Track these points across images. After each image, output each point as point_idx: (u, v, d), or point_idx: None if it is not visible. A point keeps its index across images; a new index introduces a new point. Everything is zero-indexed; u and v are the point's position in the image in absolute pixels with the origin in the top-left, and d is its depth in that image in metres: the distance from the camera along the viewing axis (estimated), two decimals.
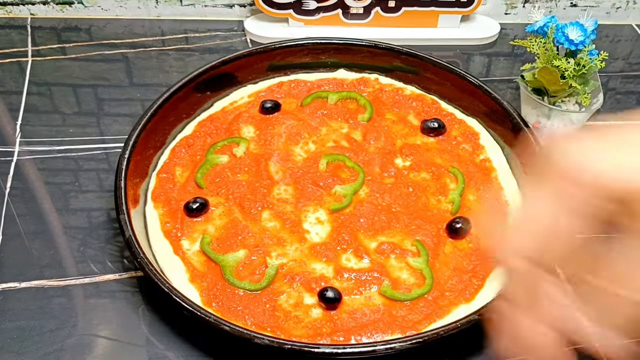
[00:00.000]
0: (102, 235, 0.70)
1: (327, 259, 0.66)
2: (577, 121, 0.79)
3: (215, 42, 0.96)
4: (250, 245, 0.66)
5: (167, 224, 0.67)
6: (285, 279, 0.64)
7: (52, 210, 0.72)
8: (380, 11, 0.96)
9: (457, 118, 0.81)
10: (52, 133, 0.80)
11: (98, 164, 0.77)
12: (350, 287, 0.63)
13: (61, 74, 0.89)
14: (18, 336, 0.60)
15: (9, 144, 0.79)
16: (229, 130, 0.77)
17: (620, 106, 0.89)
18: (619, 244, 0.33)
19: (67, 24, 0.97)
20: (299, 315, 0.61)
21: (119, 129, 0.82)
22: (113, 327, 0.62)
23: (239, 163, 0.74)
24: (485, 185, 0.73)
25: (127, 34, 0.96)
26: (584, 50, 0.75)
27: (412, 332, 0.59)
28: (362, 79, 0.85)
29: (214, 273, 0.64)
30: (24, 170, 0.76)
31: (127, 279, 0.66)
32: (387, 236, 0.68)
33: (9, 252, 0.67)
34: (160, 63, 0.92)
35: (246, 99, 0.82)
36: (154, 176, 0.72)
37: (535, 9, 0.79)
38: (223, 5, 0.99)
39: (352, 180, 0.73)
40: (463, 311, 0.61)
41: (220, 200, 0.70)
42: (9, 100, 0.85)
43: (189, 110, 0.79)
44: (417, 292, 0.63)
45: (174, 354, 0.60)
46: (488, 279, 0.64)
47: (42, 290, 0.64)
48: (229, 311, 0.60)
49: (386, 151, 0.76)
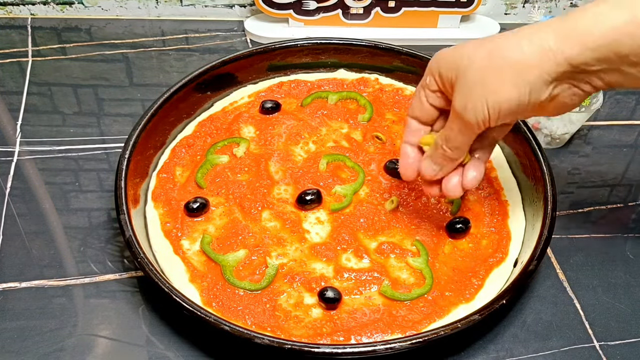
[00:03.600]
0: (102, 235, 0.70)
1: (327, 259, 0.66)
2: (577, 121, 0.79)
3: (215, 42, 0.96)
4: (250, 245, 0.66)
5: (167, 224, 0.67)
6: (286, 279, 0.64)
7: (53, 210, 0.72)
8: (380, 11, 0.96)
9: None
10: (53, 133, 0.81)
11: (98, 164, 0.77)
12: (350, 287, 0.63)
13: (61, 74, 0.89)
14: (18, 336, 0.61)
15: (9, 144, 0.79)
16: (229, 130, 0.78)
17: (620, 106, 0.89)
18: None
19: (67, 24, 0.97)
20: (299, 315, 0.61)
21: (119, 129, 0.82)
22: (113, 327, 0.62)
23: (239, 163, 0.74)
24: (485, 185, 0.73)
25: (127, 34, 0.96)
26: None
27: (412, 332, 0.59)
28: (362, 79, 0.85)
29: (214, 273, 0.64)
30: (24, 170, 0.76)
31: (127, 279, 0.66)
32: (387, 236, 0.68)
33: (9, 252, 0.68)
34: (160, 63, 0.92)
35: (246, 99, 0.82)
36: (154, 176, 0.72)
37: (535, 9, 0.79)
38: (223, 6, 0.99)
39: (352, 180, 0.73)
40: (463, 311, 0.61)
41: (221, 200, 0.70)
42: (9, 100, 0.85)
43: (189, 111, 0.79)
44: (417, 292, 0.63)
45: (174, 354, 0.60)
46: (488, 279, 0.65)
47: (42, 290, 0.65)
48: (229, 311, 0.60)
49: (386, 151, 0.76)
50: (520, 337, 0.63)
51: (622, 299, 0.67)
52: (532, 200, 0.70)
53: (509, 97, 0.52)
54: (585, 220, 0.75)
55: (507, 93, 0.51)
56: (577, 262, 0.70)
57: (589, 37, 0.49)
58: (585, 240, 0.72)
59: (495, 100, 0.52)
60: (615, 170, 0.80)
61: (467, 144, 0.58)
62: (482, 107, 0.53)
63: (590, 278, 0.69)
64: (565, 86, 0.52)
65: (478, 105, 0.53)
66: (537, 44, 0.50)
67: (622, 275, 0.69)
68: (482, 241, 0.68)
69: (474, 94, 0.53)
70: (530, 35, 0.51)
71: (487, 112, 0.53)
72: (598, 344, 0.63)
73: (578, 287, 0.68)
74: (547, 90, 0.52)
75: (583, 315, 0.65)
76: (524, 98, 0.52)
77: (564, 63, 0.50)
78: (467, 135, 0.57)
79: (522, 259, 0.65)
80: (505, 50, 0.51)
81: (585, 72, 0.51)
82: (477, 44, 0.54)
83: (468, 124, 0.55)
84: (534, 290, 0.67)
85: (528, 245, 0.66)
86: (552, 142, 0.81)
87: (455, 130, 0.57)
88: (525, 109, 0.53)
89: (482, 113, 0.53)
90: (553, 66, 0.50)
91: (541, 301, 0.66)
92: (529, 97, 0.52)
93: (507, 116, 0.54)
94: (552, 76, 0.51)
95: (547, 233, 0.64)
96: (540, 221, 0.66)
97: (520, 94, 0.51)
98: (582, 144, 0.84)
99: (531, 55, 0.50)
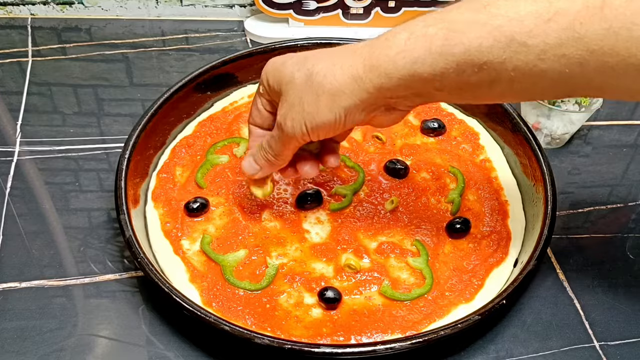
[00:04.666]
0: (102, 235, 0.70)
1: (327, 259, 0.66)
2: (576, 121, 0.79)
3: (215, 42, 0.96)
4: (250, 245, 0.66)
5: (168, 224, 0.67)
6: (286, 279, 0.64)
7: (53, 210, 0.72)
8: (380, 11, 0.96)
9: (457, 118, 0.81)
10: (53, 133, 0.81)
11: (98, 164, 0.77)
12: (350, 287, 0.63)
13: (61, 74, 0.89)
14: (18, 336, 0.61)
15: (9, 144, 0.79)
16: (229, 130, 0.78)
17: (620, 106, 0.89)
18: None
19: (67, 24, 0.97)
20: (299, 315, 0.61)
21: (119, 129, 0.82)
22: (113, 327, 0.62)
23: (239, 163, 0.74)
24: (485, 185, 0.73)
25: (127, 34, 0.96)
26: None
27: (412, 332, 0.59)
28: None
29: (214, 273, 0.64)
30: (24, 170, 0.76)
31: (127, 279, 0.66)
32: (387, 236, 0.68)
33: (9, 252, 0.68)
34: (160, 63, 0.92)
35: (246, 99, 0.82)
36: (154, 176, 0.72)
37: None
38: (223, 6, 0.99)
39: (352, 180, 0.73)
40: (463, 311, 0.61)
41: (221, 200, 0.70)
42: (9, 100, 0.85)
43: (189, 111, 0.79)
44: (417, 292, 0.63)
45: (174, 354, 0.60)
46: (488, 279, 0.65)
47: (42, 290, 0.65)
48: (229, 311, 0.60)
49: (386, 151, 0.76)
50: (520, 337, 0.63)
51: (622, 299, 0.67)
52: (532, 200, 0.70)
53: (325, 120, 0.54)
54: (585, 220, 0.75)
55: (324, 116, 0.53)
56: (577, 262, 0.70)
57: (392, 66, 0.50)
58: (585, 240, 0.72)
59: (313, 121, 0.54)
60: (615, 170, 0.80)
61: (288, 153, 0.60)
62: (301, 125, 0.55)
63: (590, 278, 0.69)
64: (381, 109, 0.54)
65: (296, 123, 0.55)
66: (348, 73, 0.52)
67: (622, 275, 0.69)
68: (482, 241, 0.68)
69: (294, 112, 0.55)
70: (342, 62, 0.52)
71: (306, 129, 0.55)
72: (598, 344, 0.63)
73: (578, 287, 0.68)
74: (362, 114, 0.54)
75: (583, 315, 0.65)
76: (339, 120, 0.54)
77: (373, 91, 0.52)
78: (288, 145, 0.58)
79: (522, 259, 0.65)
80: (321, 77, 0.53)
81: (396, 97, 0.53)
82: (299, 64, 0.55)
83: (289, 136, 0.56)
84: (534, 290, 0.67)
85: (528, 245, 0.66)
86: (552, 142, 0.81)
87: (277, 140, 0.58)
88: (345, 127, 0.55)
89: (300, 130, 0.55)
90: (364, 94, 0.52)
91: (541, 301, 0.66)
92: (344, 120, 0.54)
93: (327, 134, 0.56)
94: (364, 102, 0.53)
95: (547, 233, 0.64)
96: (540, 221, 0.66)
97: (336, 117, 0.53)
98: (582, 144, 0.84)
99: (343, 83, 0.52)
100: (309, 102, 0.53)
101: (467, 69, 0.48)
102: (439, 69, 0.48)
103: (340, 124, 0.54)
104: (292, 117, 0.55)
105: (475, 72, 0.48)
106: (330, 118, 0.53)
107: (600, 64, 0.44)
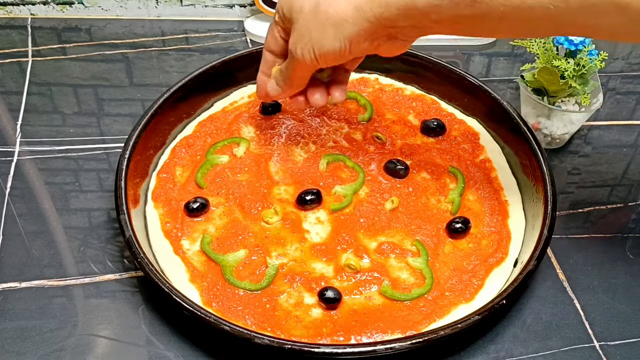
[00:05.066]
0: (102, 235, 0.70)
1: (327, 259, 0.66)
2: (576, 121, 0.79)
3: (215, 42, 0.96)
4: (250, 245, 0.66)
5: (168, 224, 0.67)
6: (286, 279, 0.64)
7: (53, 210, 0.72)
8: None
9: (457, 118, 0.81)
10: (53, 133, 0.81)
11: (98, 164, 0.78)
12: (350, 287, 0.64)
13: (61, 74, 0.89)
14: (18, 336, 0.61)
15: (9, 144, 0.79)
16: (229, 130, 0.78)
17: (620, 106, 0.89)
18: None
19: (67, 24, 0.97)
20: (299, 315, 0.61)
21: (119, 129, 0.82)
22: (113, 327, 0.62)
23: (239, 163, 0.74)
24: (485, 185, 0.73)
25: (127, 34, 0.96)
26: (583, 50, 0.75)
27: (412, 332, 0.59)
28: (362, 79, 0.85)
29: (214, 273, 0.64)
30: (24, 170, 0.76)
31: (127, 279, 0.66)
32: (387, 236, 0.68)
33: (9, 252, 0.68)
34: (160, 63, 0.92)
35: (246, 99, 0.82)
36: (154, 176, 0.72)
37: None
38: (223, 6, 0.99)
39: (352, 180, 0.73)
40: (463, 311, 0.61)
41: (221, 200, 0.70)
42: (9, 100, 0.85)
43: (189, 110, 0.79)
44: (417, 292, 0.63)
45: (174, 354, 0.60)
46: (488, 279, 0.65)
47: (42, 290, 0.65)
48: (229, 311, 0.60)
49: (386, 151, 0.76)
50: (520, 337, 0.63)
51: (622, 299, 0.67)
52: (532, 200, 0.70)
53: (332, 48, 0.58)
54: (585, 220, 0.75)
55: (330, 44, 0.58)
56: (577, 262, 0.70)
57: None
58: (585, 240, 0.72)
59: (320, 49, 0.59)
60: (615, 170, 0.80)
61: (303, 77, 0.65)
62: (310, 53, 0.60)
63: (590, 278, 0.69)
64: (383, 38, 0.58)
65: (306, 50, 0.60)
66: (351, 3, 0.56)
67: (622, 275, 0.69)
68: (482, 241, 0.68)
69: (303, 40, 0.59)
70: None
71: (314, 56, 0.60)
72: (598, 344, 0.63)
73: (578, 287, 0.68)
74: (366, 42, 0.58)
75: (583, 315, 0.65)
76: (345, 49, 0.58)
77: (374, 20, 0.56)
78: (301, 71, 0.63)
79: (522, 259, 0.65)
80: (326, 5, 0.57)
81: (396, 27, 0.56)
82: None
83: (300, 62, 0.61)
84: (534, 290, 0.67)
85: (528, 245, 0.66)
86: (552, 142, 0.81)
87: (289, 66, 0.64)
88: (352, 55, 0.60)
89: (309, 57, 0.60)
90: (365, 23, 0.56)
91: (541, 301, 0.66)
92: (349, 48, 0.58)
93: (335, 60, 0.60)
94: (366, 32, 0.57)
95: (547, 233, 0.64)
96: (540, 221, 0.66)
97: (341, 46, 0.58)
98: (582, 144, 0.84)
99: (347, 13, 0.56)
100: (316, 30, 0.58)
101: (461, 2, 0.52)
102: (435, 0, 0.52)
103: (346, 51, 0.58)
104: (302, 46, 0.59)
105: (469, 5, 0.52)
106: (335, 46, 0.58)
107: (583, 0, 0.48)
